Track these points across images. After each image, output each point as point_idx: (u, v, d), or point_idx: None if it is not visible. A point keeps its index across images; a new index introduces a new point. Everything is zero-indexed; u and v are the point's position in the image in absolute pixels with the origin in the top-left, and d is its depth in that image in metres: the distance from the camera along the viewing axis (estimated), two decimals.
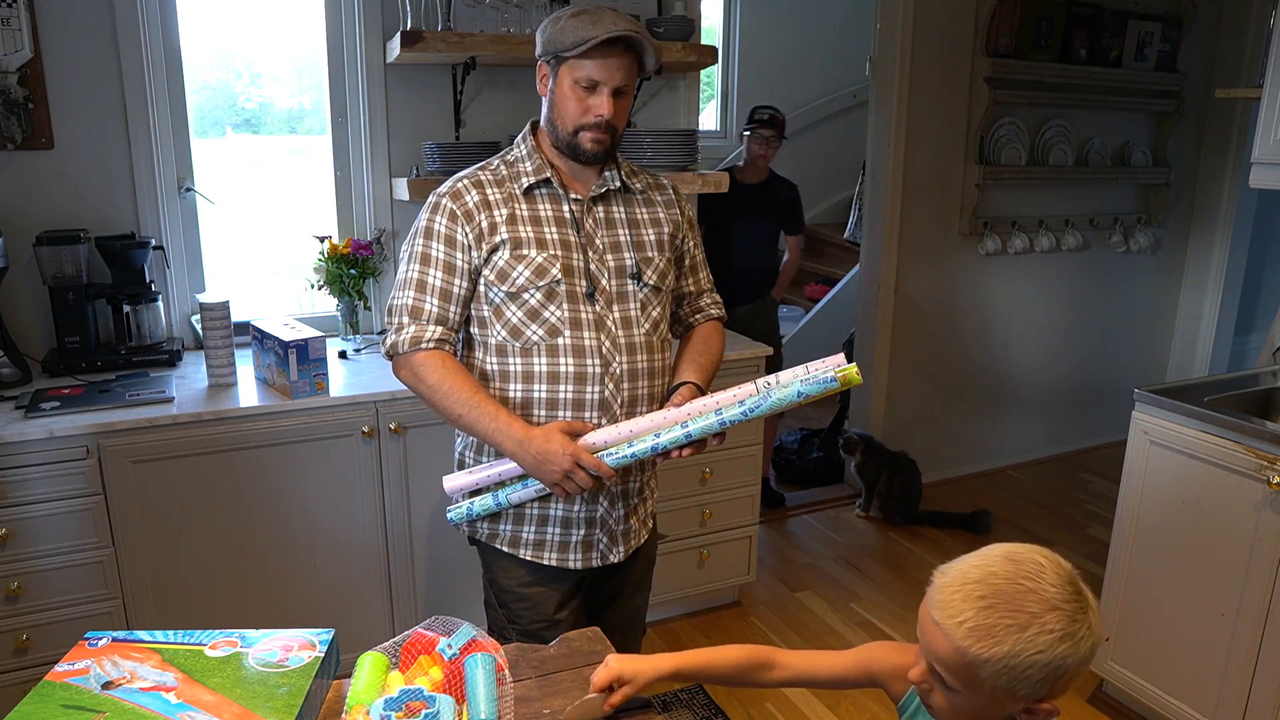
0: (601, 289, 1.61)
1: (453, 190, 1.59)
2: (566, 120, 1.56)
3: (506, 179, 1.62)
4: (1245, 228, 4.38)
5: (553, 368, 1.58)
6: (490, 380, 1.62)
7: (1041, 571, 0.96)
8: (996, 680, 0.95)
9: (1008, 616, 0.94)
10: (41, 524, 2.02)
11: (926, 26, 3.50)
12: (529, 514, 1.66)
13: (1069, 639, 0.94)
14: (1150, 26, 3.94)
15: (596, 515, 1.67)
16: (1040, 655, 0.93)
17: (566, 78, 1.54)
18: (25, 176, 2.35)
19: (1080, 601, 0.96)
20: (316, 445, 2.24)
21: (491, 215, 1.58)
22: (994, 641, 0.93)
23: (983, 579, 0.96)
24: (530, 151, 1.64)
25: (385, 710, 1.00)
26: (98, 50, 2.35)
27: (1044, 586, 0.95)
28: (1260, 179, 2.35)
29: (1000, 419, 4.22)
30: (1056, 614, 0.94)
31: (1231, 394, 2.32)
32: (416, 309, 1.57)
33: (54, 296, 2.34)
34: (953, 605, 0.96)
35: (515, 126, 2.81)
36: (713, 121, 5.47)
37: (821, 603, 3.08)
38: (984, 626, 0.94)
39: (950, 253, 3.83)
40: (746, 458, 2.84)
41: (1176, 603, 2.27)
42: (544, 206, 1.60)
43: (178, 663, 1.07)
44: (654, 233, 1.69)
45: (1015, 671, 0.94)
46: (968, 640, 0.94)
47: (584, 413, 1.60)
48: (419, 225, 1.60)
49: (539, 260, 1.56)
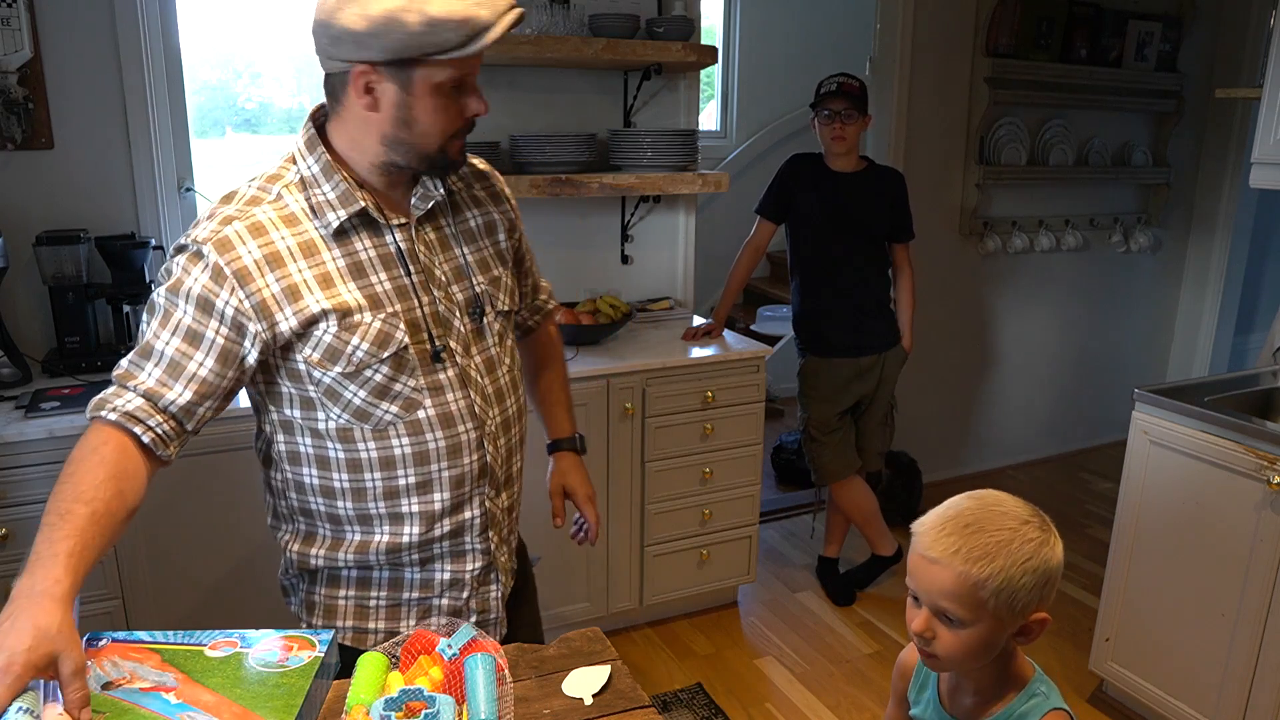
0: (456, 334, 1.27)
1: (219, 239, 1.14)
2: (431, 135, 1.17)
3: (298, 215, 1.19)
4: (1245, 228, 4.37)
5: (419, 447, 1.25)
6: (335, 471, 1.25)
7: (1001, 500, 1.09)
8: (999, 598, 1.04)
9: (992, 535, 1.04)
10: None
11: (926, 26, 3.49)
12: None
13: (1046, 545, 1.06)
14: (1150, 26, 3.94)
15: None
16: (1030, 562, 1.04)
17: (424, 84, 1.13)
18: (25, 176, 2.35)
19: (1040, 516, 1.08)
20: None
21: (286, 274, 1.16)
22: (989, 559, 1.03)
23: (958, 515, 1.07)
24: (325, 170, 1.20)
25: (385, 710, 1.00)
26: (98, 50, 2.35)
27: (1009, 509, 1.08)
28: (1260, 179, 2.35)
29: (1000, 419, 4.22)
30: (1029, 525, 1.06)
31: (1231, 394, 2.32)
32: (129, 375, 1.15)
33: (54, 296, 2.34)
34: (942, 541, 1.06)
35: (515, 127, 2.84)
36: (713, 121, 5.46)
37: (821, 603, 3.08)
38: (977, 548, 1.04)
39: (950, 253, 3.83)
40: (747, 458, 2.84)
41: (1176, 602, 2.27)
42: (362, 247, 1.21)
43: (178, 663, 1.07)
44: (490, 242, 1.36)
45: (1013, 583, 1.03)
46: (966, 564, 1.04)
47: (464, 489, 1.31)
48: (169, 272, 1.17)
49: (377, 326, 1.19)
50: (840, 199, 2.81)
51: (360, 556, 1.30)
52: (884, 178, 2.87)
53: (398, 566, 1.33)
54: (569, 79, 2.86)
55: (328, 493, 1.28)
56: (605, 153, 2.84)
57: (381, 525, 1.29)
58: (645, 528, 2.74)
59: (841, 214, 2.81)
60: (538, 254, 1.60)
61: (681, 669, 2.71)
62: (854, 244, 2.85)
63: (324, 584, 1.35)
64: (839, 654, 2.79)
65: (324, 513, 1.30)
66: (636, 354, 2.66)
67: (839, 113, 2.72)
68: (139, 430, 1.12)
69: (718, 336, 2.88)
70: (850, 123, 2.73)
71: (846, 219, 2.82)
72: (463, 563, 1.36)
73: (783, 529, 3.63)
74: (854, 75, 2.78)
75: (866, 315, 2.89)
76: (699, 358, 2.68)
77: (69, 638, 0.92)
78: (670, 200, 3.09)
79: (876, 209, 2.84)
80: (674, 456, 2.71)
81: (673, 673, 2.68)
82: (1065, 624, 2.92)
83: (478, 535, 1.36)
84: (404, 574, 1.34)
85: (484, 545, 1.37)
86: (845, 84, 2.73)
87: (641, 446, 2.66)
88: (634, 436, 2.64)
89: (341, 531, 1.31)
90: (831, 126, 2.75)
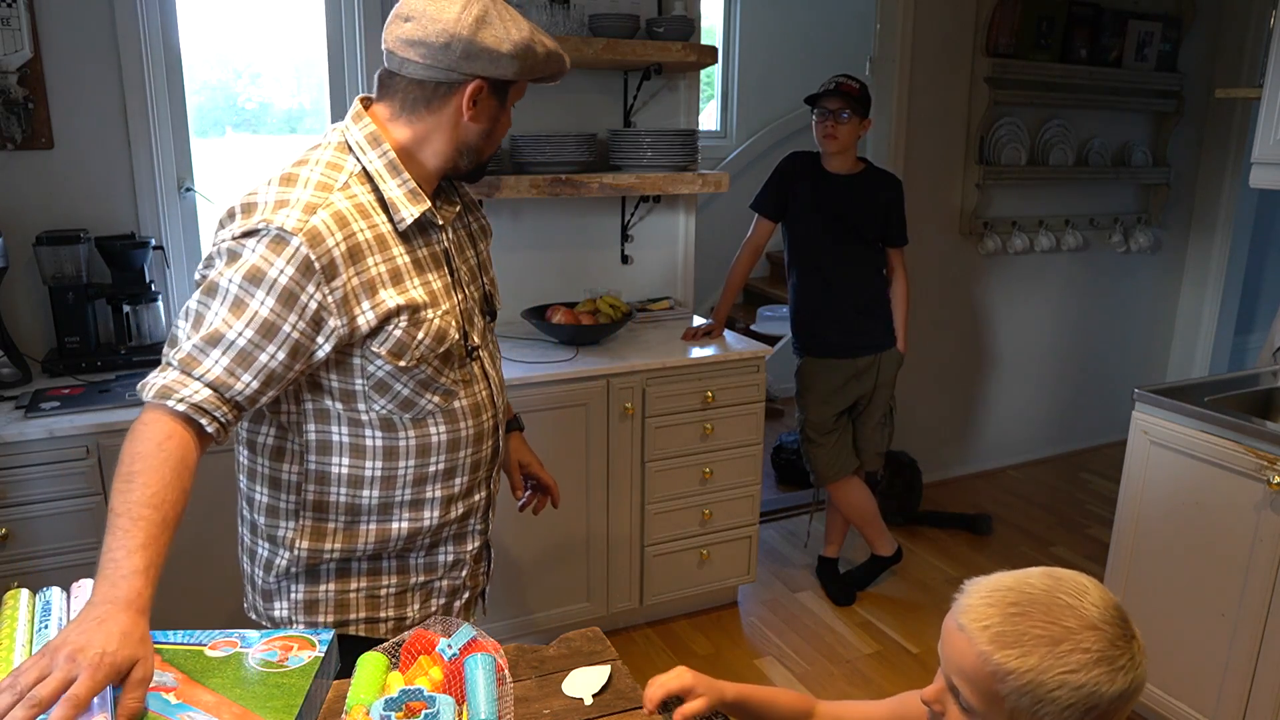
0: (477, 329, 1.37)
1: (310, 230, 1.13)
2: (496, 143, 1.31)
3: (368, 207, 1.21)
4: (1245, 228, 4.37)
5: (453, 435, 1.32)
6: (368, 460, 1.28)
7: (1085, 591, 0.88)
8: (1019, 700, 0.85)
9: (1040, 627, 0.85)
10: (41, 524, 2.02)
11: (926, 26, 3.49)
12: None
13: (1107, 664, 0.84)
14: (1150, 26, 3.94)
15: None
16: (1071, 676, 0.84)
17: (512, 101, 1.29)
18: (25, 176, 2.34)
19: (1125, 629, 0.87)
20: None
21: (365, 268, 1.18)
22: (1021, 651, 0.85)
23: (1017, 586, 0.89)
24: (393, 166, 1.23)
25: (385, 710, 1.00)
26: (98, 50, 2.35)
27: (1085, 605, 0.86)
28: (1260, 179, 2.35)
29: (1000, 419, 4.22)
30: (1096, 634, 0.85)
31: (1231, 394, 2.32)
32: (193, 361, 1.12)
33: (54, 296, 2.34)
34: (979, 610, 0.88)
35: (515, 127, 2.79)
36: (713, 121, 5.46)
37: (821, 603, 3.08)
38: (1012, 633, 0.86)
39: (950, 253, 3.83)
40: (747, 458, 2.84)
41: (1176, 602, 2.27)
42: (420, 244, 1.27)
43: (178, 663, 1.07)
44: (485, 245, 1.46)
45: (1041, 691, 0.84)
46: (992, 645, 0.86)
47: (479, 473, 1.39)
48: (236, 255, 1.14)
49: (438, 322, 1.25)
50: (833, 200, 2.80)
51: (379, 545, 1.34)
52: (880, 182, 2.86)
53: (405, 554, 1.38)
54: (569, 79, 2.85)
55: (355, 482, 1.29)
56: (605, 153, 2.84)
57: (402, 512, 1.33)
58: (645, 528, 2.74)
59: (834, 215, 2.81)
60: (539, 254, 1.63)
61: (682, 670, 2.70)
62: (847, 245, 2.84)
63: (332, 579, 1.35)
64: (839, 654, 2.79)
65: (344, 503, 1.31)
66: (636, 354, 2.66)
67: (832, 111, 2.70)
68: (205, 422, 1.12)
69: (718, 336, 2.88)
70: (843, 123, 2.70)
71: (839, 220, 2.81)
72: (464, 544, 1.43)
73: (783, 529, 3.63)
74: (857, 77, 2.76)
75: (862, 315, 2.89)
76: (699, 358, 2.68)
77: (149, 648, 0.99)
78: (670, 200, 3.09)
79: (869, 212, 2.82)
80: (674, 456, 2.71)
81: None
82: None
83: (481, 517, 1.45)
84: (410, 560, 1.39)
85: (484, 526, 1.46)
86: (844, 84, 2.71)
87: (641, 446, 2.66)
88: (634, 436, 2.64)
89: (357, 523, 1.32)
90: (824, 125, 2.73)
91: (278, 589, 1.37)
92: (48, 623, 1.10)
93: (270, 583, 1.37)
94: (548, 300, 2.90)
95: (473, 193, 1.66)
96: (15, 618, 1.11)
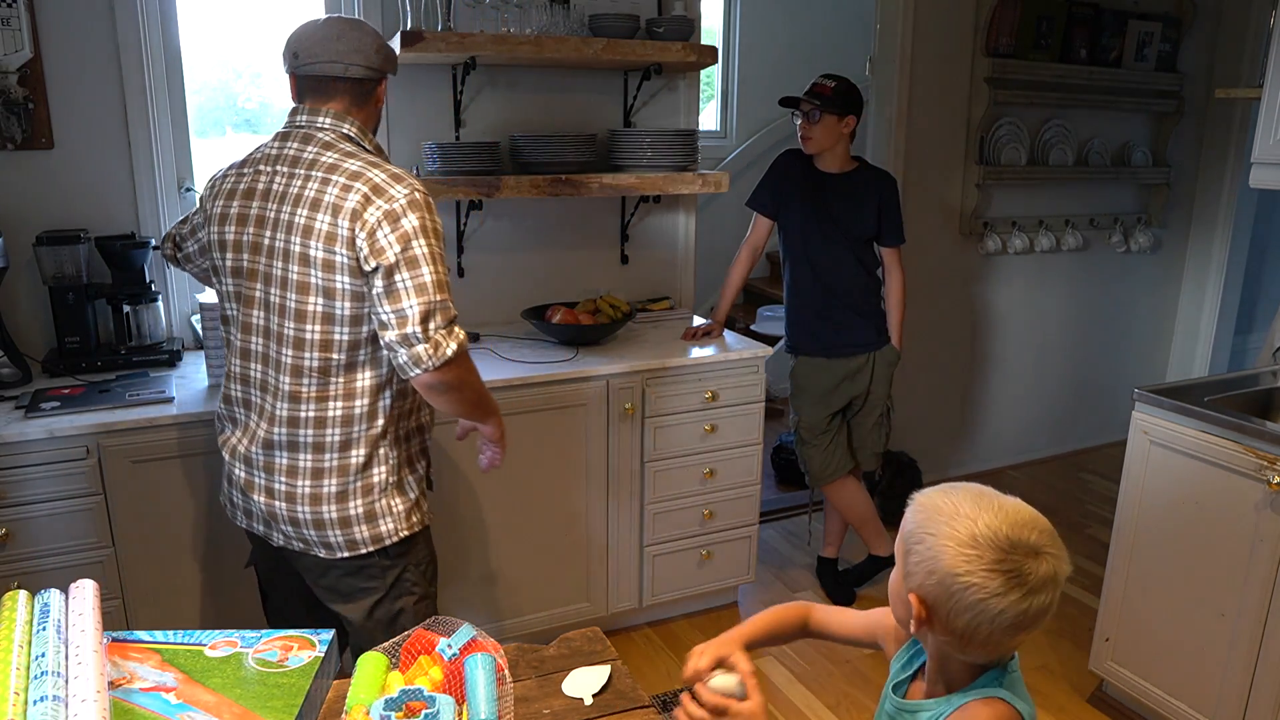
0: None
1: (428, 197, 1.64)
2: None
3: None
4: (1245, 228, 4.38)
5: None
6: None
7: (1013, 505, 0.97)
8: (918, 566, 0.97)
9: (947, 500, 0.98)
10: (41, 524, 2.01)
11: (926, 26, 3.50)
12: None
13: (967, 552, 0.93)
14: (1150, 26, 3.95)
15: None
16: (934, 540, 0.96)
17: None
18: (25, 176, 2.35)
19: (1017, 548, 0.93)
20: None
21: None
22: (916, 511, 1.01)
23: (975, 486, 1.01)
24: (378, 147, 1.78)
25: (385, 710, 1.00)
26: (98, 50, 2.35)
27: (1001, 506, 0.96)
28: (1260, 179, 2.35)
29: (1000, 419, 4.22)
30: (978, 523, 0.95)
31: (1231, 394, 2.32)
32: (453, 312, 1.61)
33: (54, 296, 2.34)
34: (934, 490, 1.03)
35: (515, 127, 2.84)
36: (713, 121, 5.46)
37: (822, 603, 3.07)
38: (927, 503, 1.01)
39: (950, 253, 3.83)
40: (747, 458, 2.84)
41: (1176, 602, 2.27)
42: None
43: (178, 663, 1.07)
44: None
45: (925, 550, 0.96)
46: (910, 505, 1.02)
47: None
48: (427, 224, 1.59)
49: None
50: (825, 199, 2.80)
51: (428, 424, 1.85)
52: (873, 180, 2.85)
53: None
54: (569, 79, 2.86)
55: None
56: (605, 153, 2.84)
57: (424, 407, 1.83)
58: (645, 528, 2.74)
59: (825, 214, 2.80)
60: (539, 254, 1.69)
61: (681, 669, 2.70)
62: (840, 244, 2.83)
63: (418, 464, 1.82)
64: (839, 654, 2.79)
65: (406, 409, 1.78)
66: (636, 354, 2.66)
67: (805, 113, 2.73)
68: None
69: (718, 336, 2.88)
70: (815, 123, 2.71)
71: (830, 219, 2.81)
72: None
73: (783, 529, 3.63)
74: (837, 76, 2.75)
75: (855, 315, 2.89)
76: (699, 358, 2.68)
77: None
78: (670, 200, 3.09)
79: (862, 211, 2.82)
80: (674, 456, 2.71)
81: (673, 673, 2.68)
82: (1065, 624, 2.92)
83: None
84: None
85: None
86: (817, 84, 2.73)
87: (641, 446, 2.66)
88: (634, 436, 2.64)
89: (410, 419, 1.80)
90: (800, 126, 2.77)
91: (383, 508, 1.72)
92: (45, 624, 1.10)
93: (378, 503, 1.72)
94: (548, 300, 2.90)
95: (473, 192, 2.11)
96: (13, 620, 1.11)
